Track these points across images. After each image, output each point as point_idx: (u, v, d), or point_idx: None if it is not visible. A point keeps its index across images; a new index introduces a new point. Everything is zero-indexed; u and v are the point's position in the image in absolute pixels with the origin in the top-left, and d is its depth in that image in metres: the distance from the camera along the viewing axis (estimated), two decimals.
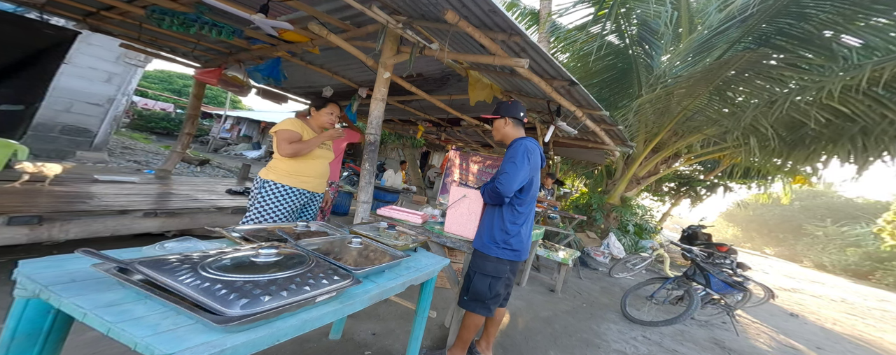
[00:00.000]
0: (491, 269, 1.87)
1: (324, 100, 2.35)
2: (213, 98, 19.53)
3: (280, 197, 2.22)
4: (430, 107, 4.87)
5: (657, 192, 10.71)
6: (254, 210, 2.22)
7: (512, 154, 1.84)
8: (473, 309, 1.92)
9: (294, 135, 2.20)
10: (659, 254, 5.39)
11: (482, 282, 1.88)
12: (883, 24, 4.09)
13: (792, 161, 5.51)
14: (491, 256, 1.87)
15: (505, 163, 1.85)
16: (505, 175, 1.79)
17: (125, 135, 10.30)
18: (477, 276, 1.89)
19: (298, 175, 2.25)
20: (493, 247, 1.86)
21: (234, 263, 0.93)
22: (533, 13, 8.03)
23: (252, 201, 2.26)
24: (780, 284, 9.71)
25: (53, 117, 5.73)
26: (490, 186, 1.86)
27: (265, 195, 2.21)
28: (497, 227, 1.87)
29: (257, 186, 2.25)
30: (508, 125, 2.01)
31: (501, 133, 2.04)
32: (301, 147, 2.18)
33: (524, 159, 1.81)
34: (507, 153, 1.88)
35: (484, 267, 1.88)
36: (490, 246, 1.87)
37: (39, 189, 2.51)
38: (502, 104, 2.05)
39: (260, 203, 2.21)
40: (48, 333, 0.80)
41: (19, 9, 3.62)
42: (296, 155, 2.19)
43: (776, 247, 29.97)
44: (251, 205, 2.25)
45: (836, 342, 4.76)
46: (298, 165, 2.25)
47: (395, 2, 2.08)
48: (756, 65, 4.37)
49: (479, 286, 1.89)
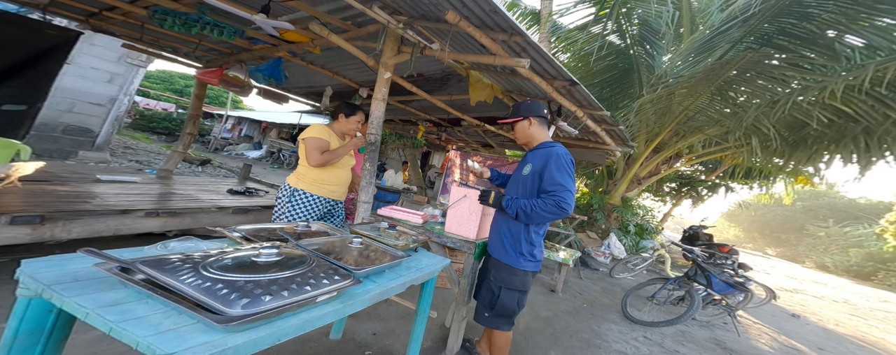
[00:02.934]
0: (519, 283, 1.76)
1: (354, 107, 2.33)
2: (214, 98, 19.59)
3: (308, 205, 2.24)
4: (430, 108, 4.87)
5: (658, 193, 10.68)
6: (283, 217, 2.24)
7: (561, 163, 1.64)
8: (498, 325, 1.82)
9: (323, 143, 2.18)
10: (660, 254, 5.38)
11: (510, 298, 1.77)
12: (886, 24, 4.08)
13: (794, 161, 5.49)
14: (519, 270, 1.75)
15: (557, 175, 1.62)
16: (568, 193, 1.58)
17: (127, 135, 10.33)
18: (504, 292, 1.76)
19: (325, 184, 2.26)
20: (521, 259, 1.74)
21: (235, 263, 0.93)
22: (534, 13, 8.03)
23: (280, 207, 2.26)
24: (781, 285, 9.68)
25: (56, 117, 5.75)
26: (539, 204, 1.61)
27: (295, 203, 2.22)
28: (524, 239, 1.75)
29: (286, 194, 2.25)
30: (533, 126, 1.84)
31: (526, 135, 1.87)
32: (331, 156, 2.18)
33: (569, 169, 1.64)
34: (552, 162, 1.66)
35: (512, 281, 1.76)
36: (518, 259, 1.74)
37: (42, 189, 2.52)
38: (522, 104, 1.89)
39: (289, 211, 2.23)
40: (50, 332, 0.81)
41: (22, 9, 3.64)
42: (325, 164, 2.20)
43: (778, 247, 29.87)
44: (278, 212, 2.26)
45: (838, 343, 4.74)
46: (325, 174, 2.25)
47: (395, 2, 2.08)
48: (758, 65, 4.36)
49: (508, 302, 1.77)
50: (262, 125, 16.61)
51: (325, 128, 2.26)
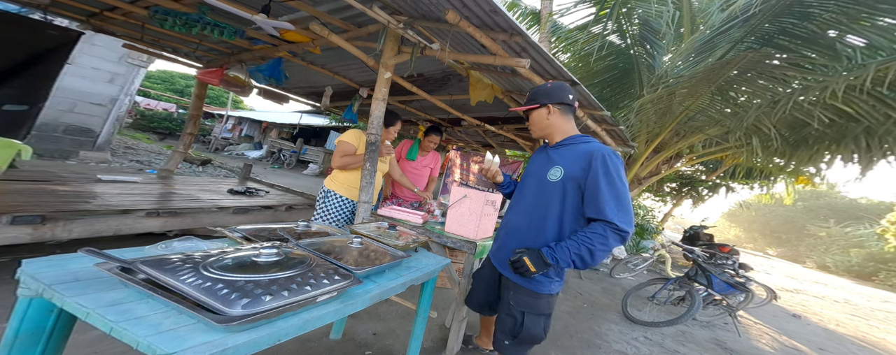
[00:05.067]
0: (544, 306, 1.48)
1: (392, 117, 2.58)
2: (215, 98, 19.62)
3: (337, 206, 2.46)
4: (430, 108, 4.87)
5: (659, 193, 10.67)
6: (318, 216, 2.50)
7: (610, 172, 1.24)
8: (522, 353, 1.53)
9: (350, 147, 2.42)
10: (660, 254, 5.38)
11: (536, 324, 1.46)
12: (888, 24, 4.07)
13: (795, 161, 5.48)
14: (543, 294, 1.46)
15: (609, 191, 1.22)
16: (624, 212, 1.20)
17: (128, 135, 10.34)
18: (528, 317, 1.45)
19: (353, 187, 2.45)
20: (546, 281, 1.45)
21: (235, 263, 0.93)
22: (534, 13, 8.02)
23: (318, 207, 2.52)
24: (782, 285, 9.66)
25: (57, 117, 5.76)
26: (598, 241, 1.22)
27: (327, 203, 2.47)
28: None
29: (322, 195, 2.51)
30: (553, 114, 1.46)
31: (544, 126, 1.49)
32: (350, 161, 2.40)
33: (624, 174, 1.28)
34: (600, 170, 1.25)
35: (536, 306, 1.46)
36: (543, 282, 1.45)
37: (43, 188, 2.53)
38: (540, 88, 1.52)
39: (322, 210, 2.48)
40: (51, 332, 0.81)
41: (23, 10, 3.64)
42: (343, 168, 2.43)
43: (779, 247, 29.82)
44: (316, 211, 2.52)
45: (839, 343, 4.73)
46: (354, 177, 2.45)
47: (396, 2, 2.08)
48: (759, 65, 4.35)
49: (534, 328, 1.46)
50: (263, 125, 16.62)
51: (360, 134, 2.49)
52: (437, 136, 3.34)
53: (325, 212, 2.47)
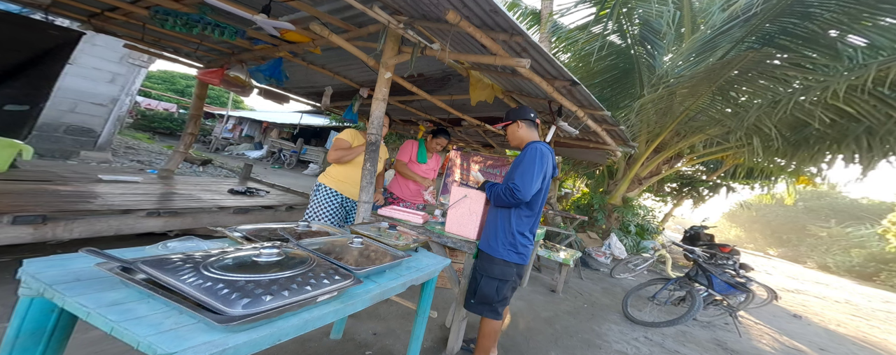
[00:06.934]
0: (498, 272, 1.85)
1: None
2: (215, 98, 19.64)
3: (325, 198, 2.56)
4: (431, 108, 4.87)
5: (659, 193, 10.66)
6: (310, 209, 2.60)
7: (528, 157, 1.79)
8: (481, 312, 1.91)
9: (344, 143, 2.55)
10: (661, 254, 5.38)
11: (489, 286, 1.86)
12: (889, 24, 4.06)
13: (796, 161, 5.47)
14: (497, 259, 1.84)
15: (521, 166, 1.80)
16: (521, 179, 1.74)
17: (128, 135, 10.35)
18: (484, 279, 1.87)
19: (343, 181, 2.58)
20: (500, 249, 1.83)
21: (236, 263, 0.93)
22: (534, 13, 8.01)
23: (310, 201, 2.64)
24: (783, 285, 9.65)
25: (58, 117, 5.76)
26: (502, 188, 1.81)
27: (317, 196, 2.58)
28: (503, 229, 1.84)
29: (314, 189, 2.63)
30: (521, 128, 2.00)
31: (517, 137, 2.03)
32: (341, 154, 2.52)
33: (539, 163, 1.77)
34: (522, 156, 1.84)
35: (491, 270, 1.85)
36: (496, 248, 1.84)
37: (44, 188, 2.53)
38: (511, 110, 2.09)
39: (313, 203, 2.59)
40: (52, 332, 0.81)
41: (24, 10, 3.65)
42: (336, 161, 2.56)
43: (779, 248, 29.78)
44: (309, 205, 2.63)
45: (839, 344, 4.72)
46: (345, 172, 2.58)
47: (396, 2, 2.08)
48: (759, 64, 4.34)
49: (486, 289, 1.86)
50: (263, 125, 16.63)
51: (355, 132, 2.61)
52: (445, 139, 3.34)
53: (315, 205, 2.56)
